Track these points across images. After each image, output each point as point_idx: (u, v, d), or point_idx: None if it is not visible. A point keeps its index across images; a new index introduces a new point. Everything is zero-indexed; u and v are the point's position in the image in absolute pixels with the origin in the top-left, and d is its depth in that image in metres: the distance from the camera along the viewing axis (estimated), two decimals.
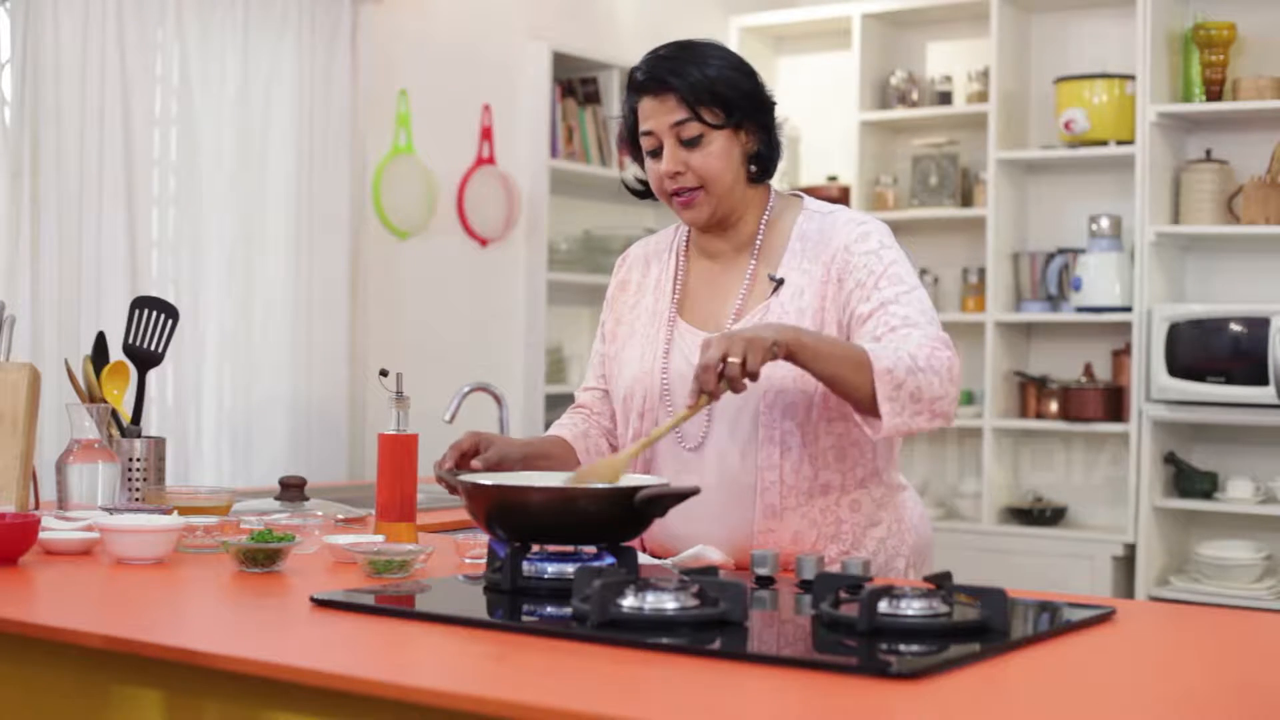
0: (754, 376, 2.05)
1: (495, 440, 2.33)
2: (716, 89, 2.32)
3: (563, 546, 2.00)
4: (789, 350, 2.09)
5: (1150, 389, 5.03)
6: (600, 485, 2.06)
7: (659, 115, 2.33)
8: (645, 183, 2.46)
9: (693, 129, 2.32)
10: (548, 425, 2.63)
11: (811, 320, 2.30)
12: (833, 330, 2.30)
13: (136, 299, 2.93)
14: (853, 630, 1.67)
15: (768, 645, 1.68)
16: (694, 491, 2.02)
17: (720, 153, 2.33)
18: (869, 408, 2.15)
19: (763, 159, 2.40)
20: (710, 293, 2.42)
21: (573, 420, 2.56)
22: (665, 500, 1.99)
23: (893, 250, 2.33)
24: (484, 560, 2.15)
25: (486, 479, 2.06)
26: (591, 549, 2.00)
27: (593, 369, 2.58)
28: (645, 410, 2.39)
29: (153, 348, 2.89)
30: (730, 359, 2.02)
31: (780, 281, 2.34)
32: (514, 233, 5.22)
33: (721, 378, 2.03)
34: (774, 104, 2.41)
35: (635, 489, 1.97)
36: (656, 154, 2.36)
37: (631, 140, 2.42)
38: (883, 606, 1.69)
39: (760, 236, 2.41)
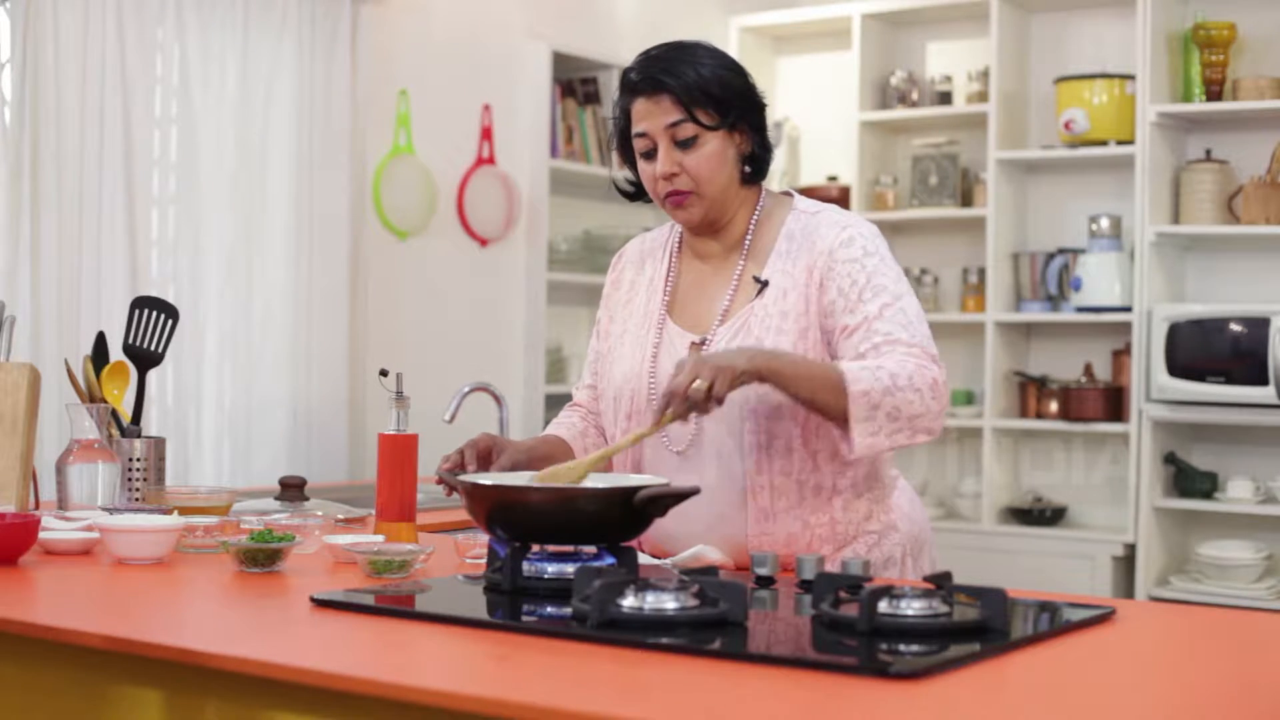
0: (719, 401, 2.08)
1: (507, 446, 2.33)
2: (710, 89, 2.30)
3: (563, 546, 2.00)
4: (760, 376, 2.13)
5: (1150, 389, 5.02)
6: (596, 486, 2.07)
7: (653, 117, 2.31)
8: (635, 184, 2.45)
9: (688, 130, 2.30)
10: (548, 425, 2.62)
11: (795, 322, 2.29)
12: (816, 333, 2.29)
13: (136, 299, 2.93)
14: (852, 630, 1.67)
15: (768, 645, 1.68)
16: (694, 491, 2.02)
17: (715, 154, 2.32)
18: (846, 427, 2.18)
19: (756, 160, 2.38)
20: (699, 294, 2.42)
21: (570, 420, 2.55)
22: (665, 500, 1.99)
23: (876, 256, 2.30)
24: (484, 560, 2.15)
25: (487, 479, 2.06)
26: (591, 549, 2.00)
27: (589, 367, 2.58)
28: (633, 412, 2.38)
29: (153, 348, 2.89)
30: (697, 383, 2.06)
31: (765, 284, 2.33)
32: (514, 233, 5.22)
33: (687, 401, 2.07)
34: (765, 104, 2.39)
35: (635, 489, 1.97)
36: (650, 156, 2.34)
37: (623, 142, 2.40)
38: (882, 606, 1.69)
39: (749, 237, 2.40)
